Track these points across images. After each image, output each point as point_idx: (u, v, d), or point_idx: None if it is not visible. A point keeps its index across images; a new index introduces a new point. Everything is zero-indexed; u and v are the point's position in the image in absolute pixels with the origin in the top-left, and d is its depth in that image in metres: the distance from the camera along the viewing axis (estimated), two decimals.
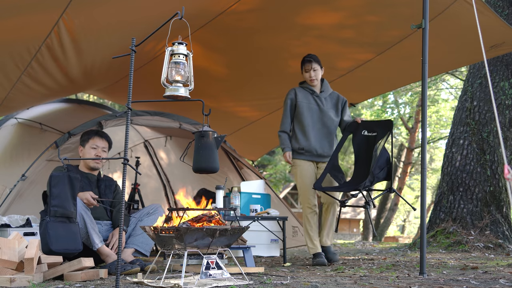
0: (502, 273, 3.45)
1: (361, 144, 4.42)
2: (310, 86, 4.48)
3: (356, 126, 4.46)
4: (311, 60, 4.43)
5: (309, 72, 4.45)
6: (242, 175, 6.37)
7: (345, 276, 3.28)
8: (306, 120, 4.39)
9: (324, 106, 4.44)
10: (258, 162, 14.93)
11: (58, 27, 3.61)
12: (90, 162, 3.88)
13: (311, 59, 4.44)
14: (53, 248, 2.94)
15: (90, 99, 12.99)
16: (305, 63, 4.46)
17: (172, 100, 2.75)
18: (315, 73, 4.44)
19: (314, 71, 4.44)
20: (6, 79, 4.24)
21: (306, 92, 4.48)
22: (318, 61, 4.46)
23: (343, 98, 4.54)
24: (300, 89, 4.51)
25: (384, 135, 4.26)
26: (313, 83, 4.45)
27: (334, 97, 4.52)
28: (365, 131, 4.39)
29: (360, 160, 4.42)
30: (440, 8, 4.21)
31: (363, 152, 4.40)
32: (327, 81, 4.59)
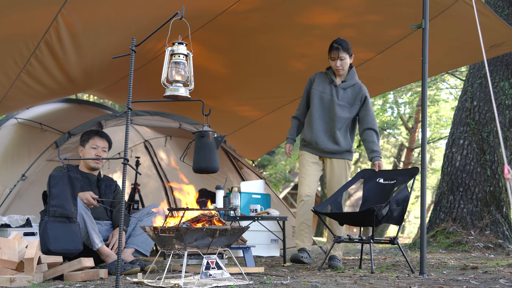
0: (502, 273, 3.45)
1: (373, 190, 4.03)
2: (333, 74, 4.08)
3: (370, 173, 4.07)
4: (339, 47, 3.98)
5: (335, 61, 4.01)
6: (242, 175, 6.37)
7: (345, 276, 3.28)
8: (314, 110, 4.06)
9: (339, 98, 4.02)
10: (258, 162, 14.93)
11: (56, 22, 3.61)
12: (90, 162, 3.88)
13: (339, 46, 3.99)
14: (52, 248, 2.94)
15: (90, 99, 12.99)
16: (332, 50, 4.01)
17: (172, 100, 2.75)
18: (342, 63, 3.99)
19: (341, 60, 3.99)
20: (5, 76, 4.24)
21: (325, 79, 4.10)
22: (347, 49, 4.00)
23: (364, 93, 4.05)
24: (321, 75, 4.14)
25: (405, 182, 3.89)
26: (339, 73, 4.04)
27: (356, 90, 4.05)
28: (381, 179, 4.02)
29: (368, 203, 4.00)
30: (440, 8, 4.21)
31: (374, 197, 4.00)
32: (355, 70, 4.13)
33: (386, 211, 3.63)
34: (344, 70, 4.05)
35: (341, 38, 4.05)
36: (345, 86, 4.04)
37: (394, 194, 3.78)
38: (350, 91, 4.04)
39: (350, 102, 4.03)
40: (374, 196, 3.98)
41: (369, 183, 4.05)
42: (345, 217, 3.86)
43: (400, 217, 3.75)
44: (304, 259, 3.83)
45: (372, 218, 3.52)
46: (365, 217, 3.59)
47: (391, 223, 3.82)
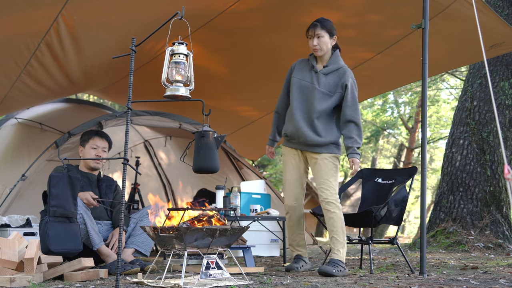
0: (502, 273, 3.45)
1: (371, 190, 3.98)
2: (314, 59, 3.70)
3: (369, 173, 4.00)
4: (316, 24, 3.60)
5: (312, 39, 3.61)
6: (242, 175, 6.37)
7: (345, 276, 3.28)
8: (293, 99, 3.68)
9: (319, 84, 3.59)
10: (258, 162, 14.92)
11: (57, 23, 3.61)
12: (90, 162, 3.88)
13: (317, 23, 3.61)
14: (52, 248, 2.94)
15: (90, 99, 12.99)
16: (309, 28, 3.64)
17: (172, 100, 2.75)
18: (319, 42, 3.58)
19: (318, 38, 3.59)
20: (5, 77, 4.24)
21: (306, 65, 3.72)
22: (327, 27, 3.59)
23: (345, 79, 3.57)
24: (302, 62, 3.78)
25: (403, 181, 3.84)
26: (316, 53, 3.62)
27: (339, 75, 3.59)
28: (380, 179, 3.96)
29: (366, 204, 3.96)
30: (440, 7, 4.21)
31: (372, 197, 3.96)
32: (338, 53, 3.69)
33: (384, 212, 3.63)
34: (323, 51, 3.60)
35: (324, 17, 3.68)
36: (327, 72, 3.61)
37: (393, 195, 3.77)
38: (332, 77, 3.60)
39: (332, 89, 3.58)
40: (372, 196, 3.97)
41: (368, 183, 4.04)
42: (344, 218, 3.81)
43: (399, 218, 3.75)
44: (299, 269, 3.60)
45: (370, 219, 3.52)
46: (364, 218, 3.59)
47: (390, 224, 3.82)
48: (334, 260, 3.38)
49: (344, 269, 3.35)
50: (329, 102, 3.56)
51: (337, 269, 3.30)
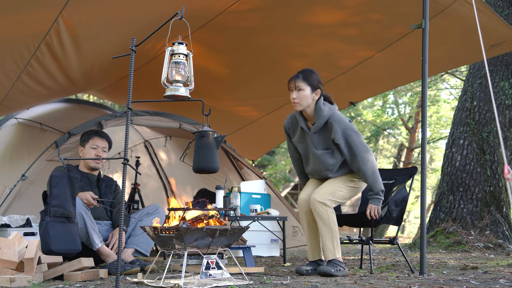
0: (502, 273, 3.45)
1: None
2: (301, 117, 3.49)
3: None
4: (298, 76, 3.41)
5: (291, 92, 3.41)
6: (242, 175, 6.37)
7: (345, 276, 3.28)
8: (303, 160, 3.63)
9: (315, 147, 3.45)
10: (258, 162, 14.92)
11: (57, 24, 3.61)
12: (90, 162, 3.88)
13: (299, 74, 3.42)
14: (53, 248, 2.94)
15: (90, 99, 12.99)
16: (290, 79, 3.44)
17: (172, 100, 2.75)
18: (299, 94, 3.36)
19: (297, 91, 3.38)
20: (5, 77, 4.24)
21: (296, 125, 3.55)
22: (308, 79, 3.38)
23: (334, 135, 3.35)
24: (292, 121, 3.59)
25: (403, 181, 3.80)
26: (296, 108, 3.41)
27: (328, 131, 3.40)
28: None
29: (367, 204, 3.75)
30: (440, 7, 4.21)
31: None
32: (321, 104, 3.40)
33: (384, 212, 3.62)
34: (302, 106, 3.38)
35: (310, 68, 3.48)
36: (315, 131, 3.42)
37: (393, 195, 3.76)
38: (323, 135, 3.43)
39: (329, 146, 3.42)
40: None
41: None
42: (344, 219, 3.80)
43: (399, 218, 3.75)
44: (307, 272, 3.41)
45: (370, 220, 3.52)
46: (364, 219, 3.58)
47: (390, 224, 3.82)
48: (333, 260, 3.35)
49: (343, 268, 3.33)
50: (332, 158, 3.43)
51: (336, 269, 3.28)
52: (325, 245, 3.36)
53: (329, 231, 3.33)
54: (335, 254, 3.34)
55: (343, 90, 6.01)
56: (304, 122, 3.49)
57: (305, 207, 3.51)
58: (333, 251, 3.34)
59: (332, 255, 3.34)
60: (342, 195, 3.45)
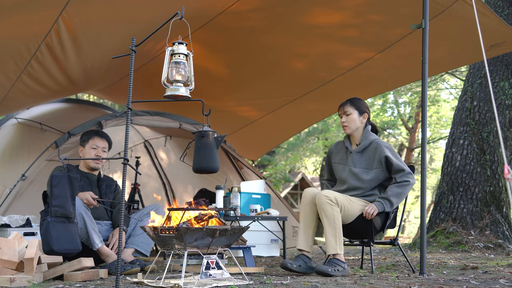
0: (502, 273, 3.45)
1: None
2: (347, 140, 3.75)
3: None
4: (346, 102, 3.71)
5: (341, 117, 3.72)
6: (242, 175, 6.37)
7: (345, 276, 3.28)
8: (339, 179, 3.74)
9: (354, 164, 3.64)
10: (258, 162, 14.92)
11: (57, 25, 3.61)
12: (90, 162, 3.88)
13: (347, 101, 3.72)
14: (55, 248, 2.94)
15: (90, 99, 12.99)
16: (339, 106, 3.74)
17: (172, 100, 2.75)
18: (348, 119, 3.66)
19: (346, 115, 3.68)
20: (5, 77, 4.25)
21: (342, 147, 3.78)
22: (356, 104, 3.68)
23: (381, 151, 3.55)
24: (338, 144, 3.84)
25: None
26: (344, 131, 3.71)
27: (373, 150, 3.61)
28: None
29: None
30: (440, 8, 4.22)
31: None
32: (369, 128, 3.70)
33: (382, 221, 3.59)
34: (351, 129, 3.67)
35: (358, 97, 3.77)
36: (359, 150, 3.65)
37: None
38: (367, 154, 3.63)
39: (369, 166, 3.60)
40: None
41: None
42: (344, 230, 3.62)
43: (393, 221, 3.74)
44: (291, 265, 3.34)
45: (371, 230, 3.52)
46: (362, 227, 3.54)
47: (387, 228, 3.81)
48: (333, 259, 3.34)
49: (343, 268, 3.31)
50: (368, 175, 3.56)
51: (334, 268, 3.27)
52: (327, 239, 3.36)
53: (332, 227, 3.34)
54: (336, 249, 3.32)
55: (343, 90, 6.01)
56: (349, 143, 3.74)
57: (308, 199, 3.51)
58: (335, 247, 3.33)
59: (334, 250, 3.33)
60: (347, 204, 3.46)
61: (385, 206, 3.47)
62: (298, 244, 3.50)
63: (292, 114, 6.74)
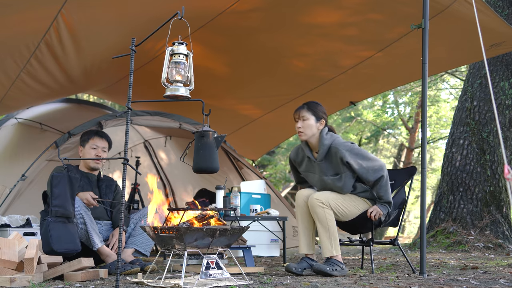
0: (502, 273, 3.45)
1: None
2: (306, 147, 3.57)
3: None
4: (303, 106, 3.52)
5: (297, 122, 3.52)
6: (242, 175, 6.37)
7: (345, 276, 3.28)
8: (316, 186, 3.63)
9: (324, 173, 3.49)
10: (258, 162, 14.92)
11: (57, 22, 3.61)
12: (90, 162, 3.88)
13: (304, 105, 3.53)
14: (55, 248, 2.94)
15: (90, 99, 12.99)
16: (295, 110, 3.55)
17: (172, 100, 2.75)
18: (304, 124, 3.47)
19: (303, 121, 3.48)
20: (5, 76, 4.25)
21: (303, 156, 3.61)
22: (313, 110, 3.49)
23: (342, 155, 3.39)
24: (297, 152, 3.66)
25: (403, 182, 3.78)
26: (300, 137, 3.51)
27: (334, 155, 3.44)
28: None
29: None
30: (440, 7, 4.22)
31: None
32: (324, 135, 3.48)
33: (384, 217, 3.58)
34: (307, 135, 3.48)
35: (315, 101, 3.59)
36: (320, 158, 3.48)
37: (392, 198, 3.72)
38: (329, 161, 3.47)
39: (338, 170, 3.45)
40: None
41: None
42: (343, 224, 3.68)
43: (396, 220, 3.75)
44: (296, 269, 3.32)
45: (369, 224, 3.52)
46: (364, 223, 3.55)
47: (389, 226, 3.82)
48: (331, 259, 3.33)
49: (341, 268, 3.31)
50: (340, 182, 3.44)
51: (332, 268, 3.27)
52: (322, 243, 3.36)
53: (326, 230, 3.33)
54: (332, 252, 3.33)
55: (343, 89, 6.01)
56: (310, 152, 3.55)
57: (302, 202, 3.50)
58: (330, 249, 3.33)
59: (330, 253, 3.33)
60: (342, 205, 3.43)
61: (389, 208, 3.49)
62: (300, 249, 3.51)
63: (292, 113, 6.73)
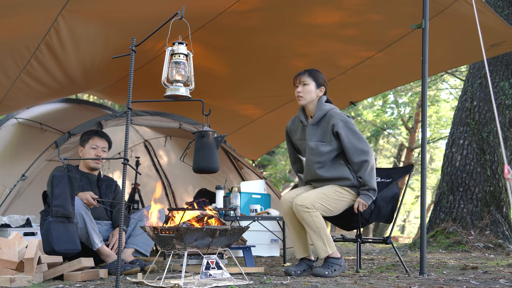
0: (502, 273, 3.45)
1: None
2: (302, 113, 3.57)
3: None
4: (304, 72, 3.51)
5: (296, 87, 3.50)
6: (242, 175, 6.37)
7: (345, 276, 3.28)
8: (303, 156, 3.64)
9: (310, 138, 3.45)
10: (258, 162, 14.92)
11: (57, 23, 3.61)
12: (90, 162, 3.88)
13: (305, 71, 3.52)
14: (56, 248, 2.94)
15: (90, 99, 12.99)
16: (295, 76, 3.54)
17: (172, 100, 2.75)
18: (303, 89, 3.46)
19: (303, 85, 3.47)
20: (5, 76, 4.25)
21: (298, 123, 3.61)
22: (314, 76, 3.49)
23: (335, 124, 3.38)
24: (294, 121, 3.66)
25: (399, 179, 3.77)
26: (299, 101, 3.49)
27: (326, 122, 3.42)
28: (378, 178, 3.81)
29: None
30: (440, 7, 4.22)
31: None
32: (323, 99, 3.51)
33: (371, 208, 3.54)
34: (306, 100, 3.46)
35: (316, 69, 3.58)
36: (313, 122, 3.46)
37: (382, 191, 3.68)
38: (321, 126, 3.45)
39: (325, 139, 3.42)
40: None
41: None
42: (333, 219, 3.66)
43: (390, 216, 3.68)
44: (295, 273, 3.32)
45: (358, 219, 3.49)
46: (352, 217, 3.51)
47: (381, 221, 3.76)
48: (328, 259, 3.30)
49: (339, 266, 3.27)
50: (325, 147, 3.40)
51: (330, 270, 3.25)
52: (315, 245, 3.32)
53: (317, 232, 3.29)
54: (327, 251, 3.29)
55: (343, 89, 6.01)
56: (304, 117, 3.55)
57: (286, 206, 3.49)
58: (325, 249, 3.30)
59: (325, 253, 3.30)
60: (326, 202, 3.36)
61: (372, 196, 3.38)
62: (297, 254, 3.50)
63: (292, 113, 6.70)
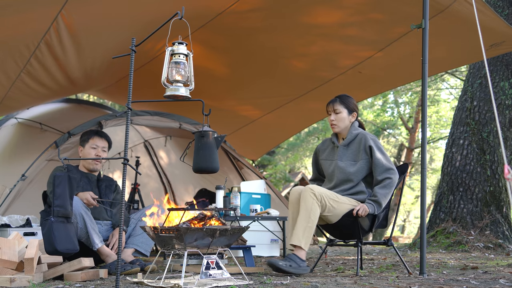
0: (502, 273, 3.45)
1: None
2: (335, 136, 3.73)
3: None
4: (335, 100, 3.66)
5: (330, 115, 3.66)
6: (242, 175, 6.37)
7: (345, 276, 3.28)
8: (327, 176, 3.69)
9: (341, 158, 3.58)
10: (258, 162, 14.92)
11: (57, 23, 3.62)
12: (89, 164, 3.88)
13: (336, 98, 3.67)
14: (59, 248, 2.94)
15: (90, 99, 13.00)
16: (328, 103, 3.70)
17: (172, 100, 2.75)
18: (337, 117, 3.61)
19: (335, 114, 3.63)
20: (5, 76, 4.25)
21: (329, 144, 3.75)
22: (345, 103, 3.63)
23: (366, 142, 3.53)
24: (324, 142, 3.81)
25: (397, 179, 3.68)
26: (333, 129, 3.66)
27: (359, 141, 3.57)
28: None
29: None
30: (440, 7, 4.22)
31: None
32: (356, 124, 3.67)
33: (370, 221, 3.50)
34: (340, 127, 3.62)
35: (346, 94, 3.73)
36: (346, 143, 3.61)
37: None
38: (352, 146, 3.59)
39: (355, 158, 3.56)
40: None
41: None
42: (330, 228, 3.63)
43: (385, 220, 3.66)
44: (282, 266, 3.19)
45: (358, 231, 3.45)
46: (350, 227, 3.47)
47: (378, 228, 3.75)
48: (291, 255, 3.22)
49: (299, 266, 3.19)
50: (354, 167, 3.52)
51: (287, 263, 3.18)
52: (296, 229, 3.27)
53: (306, 220, 3.25)
54: (300, 242, 3.23)
55: (343, 90, 5.99)
56: (336, 139, 3.71)
57: (296, 194, 3.45)
58: (299, 238, 3.23)
59: (297, 241, 3.23)
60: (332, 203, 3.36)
61: (376, 209, 3.41)
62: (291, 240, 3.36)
63: (292, 113, 6.75)
